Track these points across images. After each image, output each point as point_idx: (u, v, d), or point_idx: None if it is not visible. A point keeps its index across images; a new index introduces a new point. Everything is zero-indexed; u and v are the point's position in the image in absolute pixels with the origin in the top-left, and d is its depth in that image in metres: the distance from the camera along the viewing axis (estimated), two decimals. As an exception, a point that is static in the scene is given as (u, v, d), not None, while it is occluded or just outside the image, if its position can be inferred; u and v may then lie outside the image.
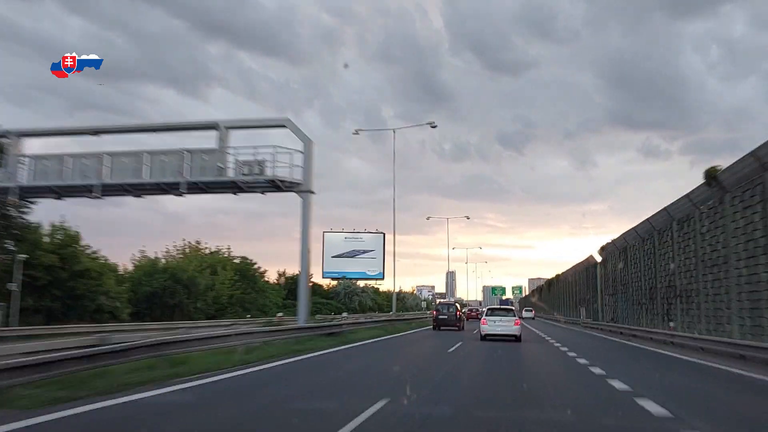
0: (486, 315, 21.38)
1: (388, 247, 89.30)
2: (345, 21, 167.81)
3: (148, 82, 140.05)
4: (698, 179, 19.39)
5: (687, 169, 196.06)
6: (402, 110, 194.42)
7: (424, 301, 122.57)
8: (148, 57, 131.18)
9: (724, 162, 18.00)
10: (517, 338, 19.78)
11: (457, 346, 17.30)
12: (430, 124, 33.74)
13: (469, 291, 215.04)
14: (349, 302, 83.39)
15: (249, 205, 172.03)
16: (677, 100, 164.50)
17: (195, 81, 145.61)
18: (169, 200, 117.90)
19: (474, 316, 42.53)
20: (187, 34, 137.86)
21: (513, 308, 25.28)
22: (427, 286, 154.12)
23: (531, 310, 68.87)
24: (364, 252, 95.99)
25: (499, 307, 25.06)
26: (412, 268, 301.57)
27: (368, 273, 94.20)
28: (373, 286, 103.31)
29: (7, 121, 22.82)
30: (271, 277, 74.21)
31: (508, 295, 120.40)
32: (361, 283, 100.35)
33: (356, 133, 38.37)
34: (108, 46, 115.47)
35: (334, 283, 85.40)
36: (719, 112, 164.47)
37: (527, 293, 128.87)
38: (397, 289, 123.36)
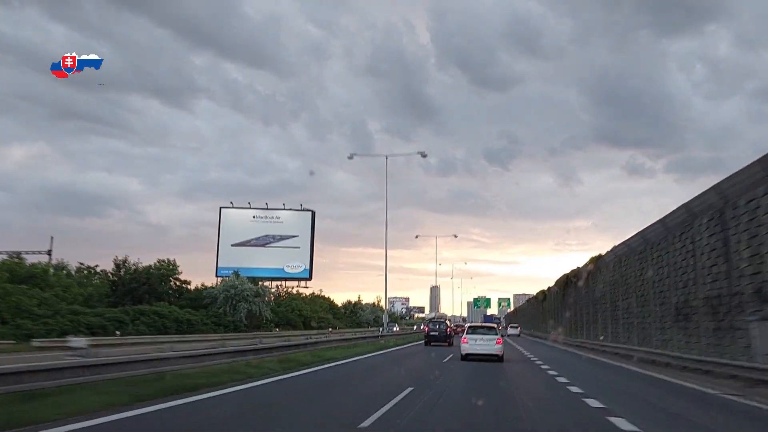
0: (467, 333, 21.02)
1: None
2: (332, 34, 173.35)
3: (132, 92, 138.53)
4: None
5: (672, 187, 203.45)
6: (389, 124, 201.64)
7: (388, 314, 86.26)
8: (133, 66, 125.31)
9: (708, 181, 14.88)
10: (499, 358, 19.70)
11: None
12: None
13: (454, 306, 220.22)
14: (231, 312, 51.06)
15: None
16: (662, 119, 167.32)
17: (180, 92, 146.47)
18: (152, 212, 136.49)
19: (458, 331, 36.74)
20: (172, 44, 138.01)
21: (495, 326, 23.34)
22: (400, 298, 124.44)
23: (516, 327, 71.58)
24: (283, 238, 70.62)
25: (480, 324, 24.92)
26: (395, 283, 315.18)
27: (288, 270, 69.90)
28: (300, 290, 71.99)
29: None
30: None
31: (494, 307, 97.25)
32: (282, 285, 72.83)
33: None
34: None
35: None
36: (704, 131, 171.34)
37: (512, 308, 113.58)
38: (352, 298, 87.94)
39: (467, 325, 27.35)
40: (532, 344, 39.71)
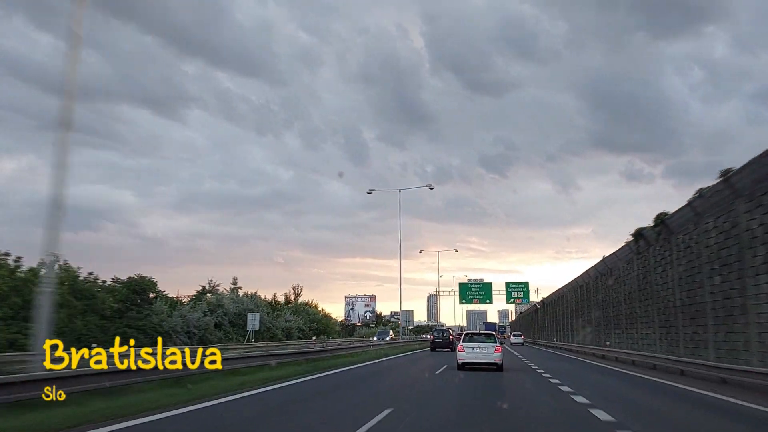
0: (463, 341, 22.10)
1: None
2: (323, 40, 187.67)
3: (122, 102, 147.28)
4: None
5: (670, 193, 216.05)
6: (383, 132, 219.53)
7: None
8: (122, 76, 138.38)
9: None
10: (498, 367, 20.90)
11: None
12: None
13: (452, 315, 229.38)
14: None
15: (228, 230, 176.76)
16: (659, 123, 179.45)
17: (171, 101, 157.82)
18: (147, 224, 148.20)
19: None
20: (162, 53, 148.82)
21: (493, 333, 24.84)
22: (364, 297, 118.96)
23: (520, 335, 74.60)
24: None
25: (477, 332, 24.86)
26: (394, 292, 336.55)
27: None
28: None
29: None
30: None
31: (497, 301, 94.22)
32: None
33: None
34: (79, 63, 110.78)
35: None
36: (701, 134, 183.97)
37: (514, 316, 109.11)
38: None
39: (464, 332, 28.26)
40: (535, 354, 40.86)
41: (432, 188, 52.20)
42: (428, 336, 80.00)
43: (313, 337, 55.51)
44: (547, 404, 12.36)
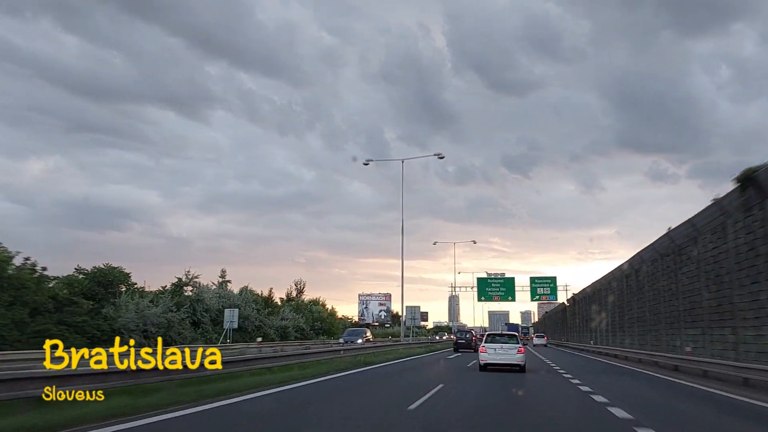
0: (485, 342, 21.95)
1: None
2: (346, 40, 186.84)
3: (147, 103, 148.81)
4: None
5: (696, 193, 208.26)
6: (404, 132, 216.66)
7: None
8: (147, 77, 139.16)
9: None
10: (521, 368, 20.80)
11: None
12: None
13: (474, 317, 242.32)
14: None
15: (252, 230, 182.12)
16: (686, 122, 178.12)
17: (195, 102, 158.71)
18: (172, 224, 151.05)
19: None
20: (186, 54, 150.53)
21: (515, 334, 24.36)
22: (378, 296, 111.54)
23: (543, 336, 74.84)
24: None
25: (499, 333, 25.56)
26: (415, 293, 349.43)
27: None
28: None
29: (4, 143, 14.54)
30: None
31: (521, 298, 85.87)
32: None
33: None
34: (105, 65, 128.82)
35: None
36: (729, 134, 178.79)
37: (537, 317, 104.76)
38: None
39: (486, 333, 28.34)
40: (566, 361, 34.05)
41: (442, 158, 45.77)
42: (437, 337, 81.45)
43: (258, 339, 46.01)
44: None
